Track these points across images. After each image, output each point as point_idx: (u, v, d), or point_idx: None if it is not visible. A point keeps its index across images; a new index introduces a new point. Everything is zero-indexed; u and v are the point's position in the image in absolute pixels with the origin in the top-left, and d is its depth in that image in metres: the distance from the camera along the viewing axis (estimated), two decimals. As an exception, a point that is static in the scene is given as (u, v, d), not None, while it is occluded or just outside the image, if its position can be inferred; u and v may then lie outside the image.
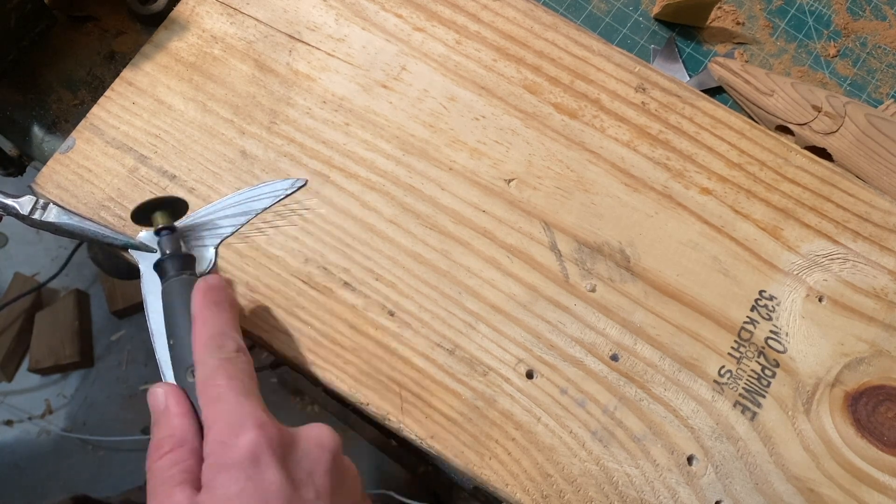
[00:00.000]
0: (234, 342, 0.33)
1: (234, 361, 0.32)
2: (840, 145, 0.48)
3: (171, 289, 0.37)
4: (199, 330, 0.34)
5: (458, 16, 0.47)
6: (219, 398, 0.31)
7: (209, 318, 0.34)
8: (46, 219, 0.39)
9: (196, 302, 0.35)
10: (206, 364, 0.32)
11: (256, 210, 0.42)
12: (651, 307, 0.42)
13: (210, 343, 0.33)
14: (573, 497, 0.38)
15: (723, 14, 0.55)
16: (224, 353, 0.32)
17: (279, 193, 0.42)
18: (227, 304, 0.35)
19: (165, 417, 0.32)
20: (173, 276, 0.37)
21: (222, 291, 0.35)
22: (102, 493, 0.86)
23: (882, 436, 0.40)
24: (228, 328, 0.34)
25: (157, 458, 0.31)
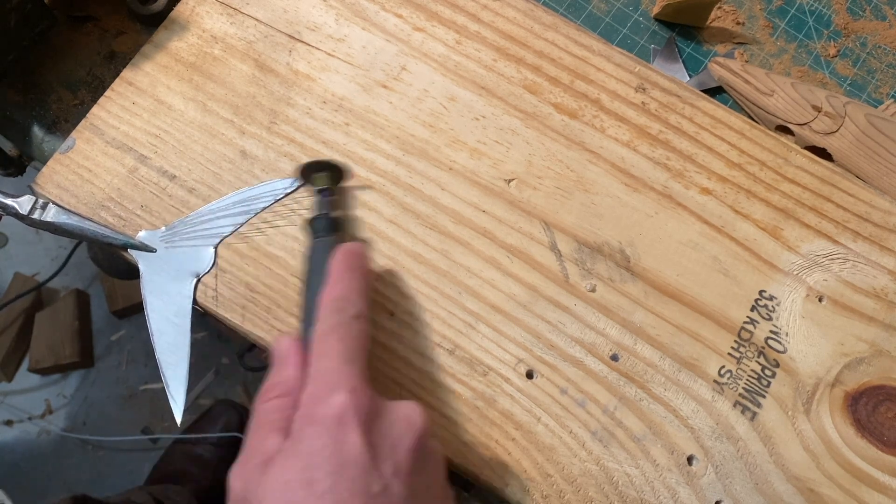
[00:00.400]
0: (356, 308, 0.34)
1: (348, 325, 0.33)
2: (840, 145, 0.48)
3: (316, 247, 0.38)
4: (329, 289, 0.35)
5: (458, 16, 0.47)
6: (325, 355, 0.32)
7: (340, 280, 0.35)
8: (45, 218, 0.39)
9: (334, 262, 0.36)
10: (325, 322, 0.34)
11: (256, 210, 0.42)
12: (651, 307, 0.42)
13: (333, 304, 0.34)
14: (573, 497, 0.38)
15: (723, 14, 0.55)
16: (343, 316, 0.34)
17: (278, 193, 0.42)
18: (361, 270, 0.36)
19: (282, 365, 0.34)
20: (322, 235, 0.38)
21: (361, 258, 0.37)
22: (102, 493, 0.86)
23: (882, 436, 0.40)
24: (355, 294, 0.35)
25: (264, 400, 0.32)
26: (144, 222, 0.42)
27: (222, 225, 0.42)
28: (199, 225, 0.41)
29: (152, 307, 0.40)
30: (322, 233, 0.39)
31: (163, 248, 0.41)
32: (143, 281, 0.40)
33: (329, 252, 0.37)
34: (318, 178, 0.41)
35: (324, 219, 0.39)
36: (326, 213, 0.39)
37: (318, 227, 0.39)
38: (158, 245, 0.41)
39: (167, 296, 0.40)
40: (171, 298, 0.40)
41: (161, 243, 0.41)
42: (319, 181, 0.41)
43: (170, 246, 0.41)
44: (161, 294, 0.40)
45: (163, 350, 0.39)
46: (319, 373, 0.32)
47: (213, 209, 0.42)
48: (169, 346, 0.39)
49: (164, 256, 0.41)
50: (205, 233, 0.41)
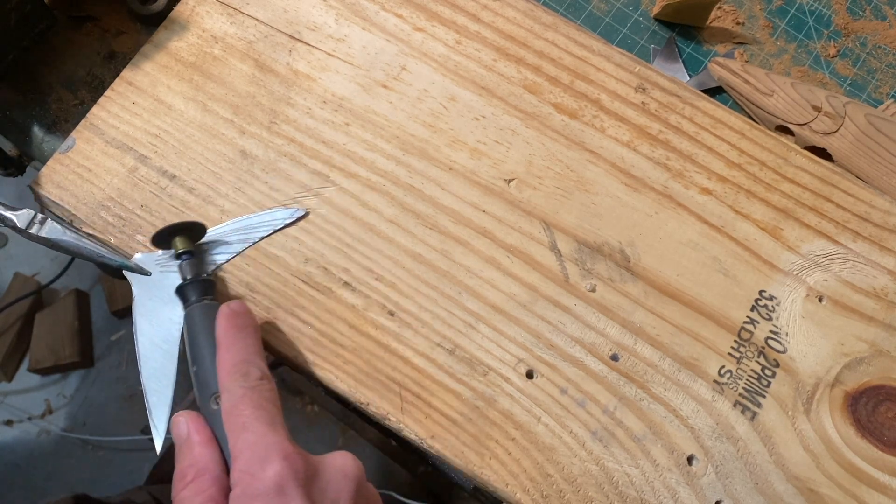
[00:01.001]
0: (259, 370, 0.34)
1: (258, 390, 0.33)
2: (840, 145, 0.48)
3: (194, 314, 0.37)
4: (224, 356, 0.34)
5: (458, 16, 0.47)
6: (244, 428, 0.31)
7: (233, 344, 0.34)
8: (42, 234, 0.39)
9: (220, 328, 0.35)
10: (231, 392, 0.33)
11: (254, 239, 0.41)
12: (651, 307, 0.42)
13: (235, 371, 0.33)
14: (573, 497, 0.38)
15: (723, 14, 0.55)
16: (249, 381, 0.33)
17: (278, 223, 0.42)
18: (251, 328, 0.35)
19: (188, 447, 0.33)
20: (195, 301, 0.37)
21: (246, 317, 0.36)
22: (102, 493, 0.86)
23: (882, 436, 0.40)
24: (253, 355, 0.34)
25: (181, 488, 0.31)
26: (144, 222, 0.42)
27: (218, 252, 0.41)
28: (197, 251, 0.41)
29: (142, 331, 0.39)
30: (196, 298, 0.37)
31: (158, 271, 0.40)
32: (136, 304, 0.40)
33: (209, 316, 0.36)
34: (175, 242, 0.39)
35: (194, 283, 0.38)
36: (196, 277, 0.38)
37: (190, 293, 0.37)
38: (153, 268, 0.40)
39: (157, 321, 0.39)
40: (162, 324, 0.39)
41: (156, 267, 0.40)
42: (178, 245, 0.39)
43: (165, 270, 0.40)
44: (152, 319, 0.40)
45: (148, 376, 0.39)
46: (245, 447, 0.31)
47: (210, 236, 0.41)
48: (155, 372, 0.39)
49: (159, 280, 0.40)
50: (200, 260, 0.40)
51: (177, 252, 0.39)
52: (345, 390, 0.40)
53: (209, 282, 0.38)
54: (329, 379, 0.40)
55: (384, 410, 0.39)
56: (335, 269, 0.41)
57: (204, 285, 0.38)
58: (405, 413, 0.39)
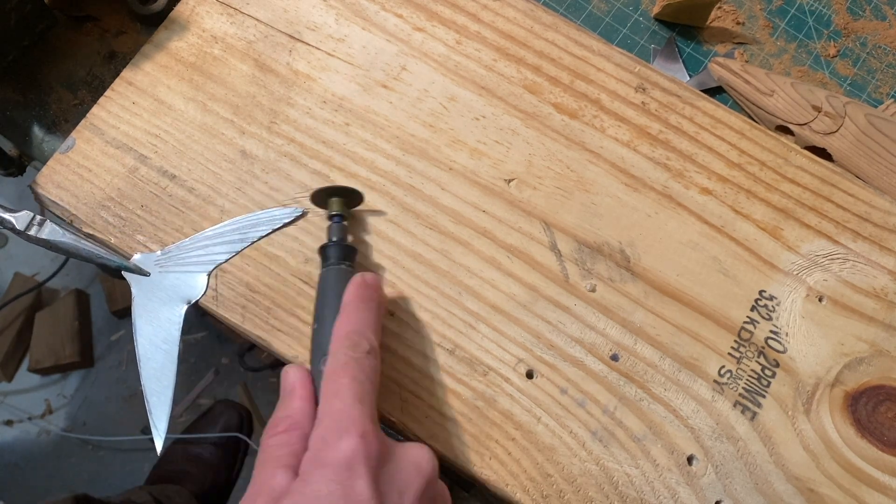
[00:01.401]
0: (369, 343, 0.34)
1: (361, 363, 0.33)
2: (840, 145, 0.48)
3: (329, 276, 0.37)
4: (342, 322, 0.35)
5: (458, 16, 0.47)
6: (336, 394, 0.32)
7: (354, 313, 0.35)
8: (41, 235, 0.39)
9: (348, 293, 0.36)
10: (337, 357, 0.33)
11: (253, 238, 0.41)
12: (651, 307, 0.42)
13: (347, 339, 0.34)
14: (573, 497, 0.38)
15: (723, 14, 0.55)
16: (357, 351, 0.33)
17: (277, 223, 0.42)
18: (375, 303, 0.36)
19: (290, 398, 0.33)
20: (333, 263, 0.38)
21: (375, 290, 0.36)
22: (102, 492, 0.86)
23: (882, 436, 0.40)
24: (368, 328, 0.35)
25: (271, 435, 0.32)
26: (144, 222, 0.42)
27: (218, 252, 0.41)
28: (195, 251, 0.41)
29: (141, 332, 0.39)
30: (334, 261, 0.38)
31: (156, 272, 0.40)
32: (135, 304, 0.40)
33: (342, 281, 0.36)
34: (332, 202, 0.40)
35: (337, 246, 0.38)
36: (340, 240, 0.39)
37: (331, 254, 0.38)
38: (152, 269, 0.40)
39: (157, 321, 0.40)
40: (161, 324, 0.39)
41: (155, 267, 0.40)
42: (333, 206, 0.40)
43: (163, 270, 0.40)
44: (151, 319, 0.40)
45: (148, 377, 0.39)
46: (330, 414, 0.31)
47: (209, 235, 0.41)
48: (155, 373, 0.39)
49: (157, 281, 0.40)
50: (199, 259, 0.41)
51: (330, 213, 0.40)
52: (345, 390, 0.39)
53: (352, 248, 0.39)
54: (329, 379, 0.40)
55: (384, 410, 0.39)
56: (335, 269, 0.41)
57: (346, 250, 0.39)
58: (405, 413, 0.39)
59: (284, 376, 0.34)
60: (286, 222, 0.42)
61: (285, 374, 0.35)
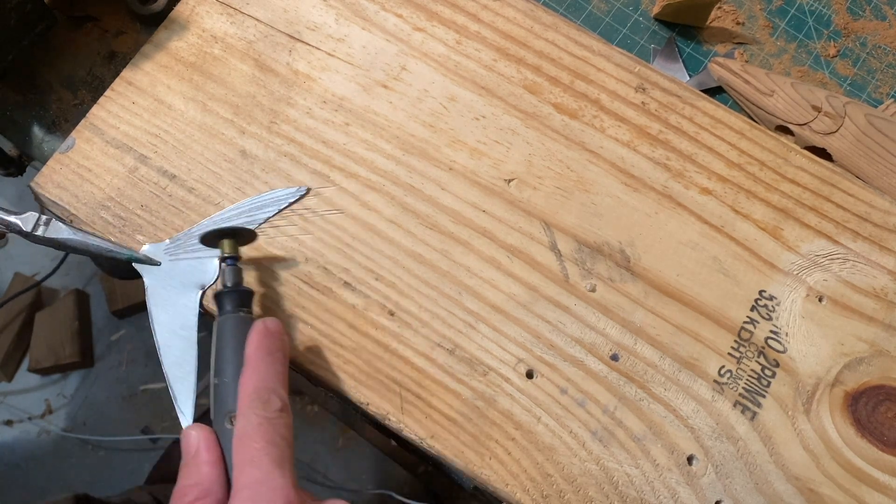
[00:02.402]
0: (280, 400, 0.33)
1: (275, 423, 0.32)
2: (840, 145, 0.48)
3: (226, 326, 0.36)
4: (249, 377, 0.33)
5: (458, 16, 0.47)
6: (252, 462, 0.31)
7: (261, 366, 0.33)
8: (48, 235, 0.39)
9: (251, 345, 0.34)
10: (248, 419, 0.32)
11: (259, 220, 0.42)
12: (651, 307, 0.42)
13: (256, 396, 0.32)
14: (573, 497, 0.38)
15: (723, 14, 0.55)
16: (268, 410, 0.32)
17: (282, 203, 0.42)
18: (280, 354, 0.34)
19: (195, 463, 0.32)
20: (230, 311, 0.36)
21: (280, 339, 0.35)
22: (102, 492, 0.86)
23: (882, 436, 0.40)
24: (277, 382, 0.33)
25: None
26: (144, 222, 0.42)
27: None
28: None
29: (158, 321, 0.39)
30: (231, 308, 0.36)
31: (167, 260, 0.40)
32: (149, 294, 0.40)
33: (241, 330, 0.35)
34: (223, 244, 0.38)
35: (233, 293, 0.37)
36: (235, 286, 0.37)
37: (226, 302, 0.37)
38: (163, 258, 0.40)
39: (173, 309, 0.40)
40: (177, 311, 0.39)
41: (165, 256, 0.40)
42: (225, 248, 0.38)
43: (174, 259, 0.41)
44: (167, 307, 0.40)
45: (170, 364, 0.38)
46: (249, 485, 0.30)
47: (216, 220, 0.41)
48: (176, 360, 0.39)
49: (169, 269, 0.40)
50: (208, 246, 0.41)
51: (223, 255, 0.38)
52: (345, 390, 0.40)
53: (248, 292, 0.38)
54: (329, 379, 0.40)
55: (384, 410, 0.39)
56: (335, 269, 0.41)
57: (242, 296, 0.37)
58: (405, 413, 0.39)
59: (186, 439, 0.33)
60: (291, 202, 0.42)
61: (187, 437, 0.33)
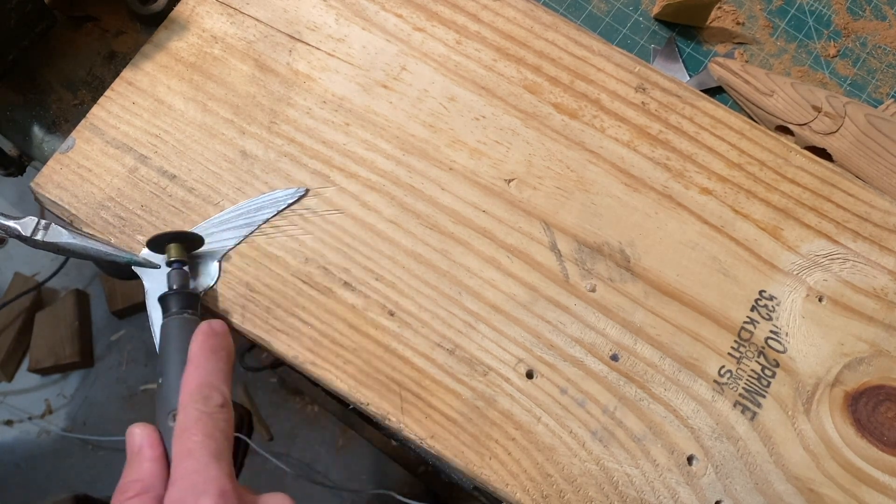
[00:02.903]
0: (221, 396, 0.33)
1: (214, 417, 0.32)
2: (840, 145, 0.48)
3: (171, 327, 0.37)
4: (191, 374, 0.33)
5: (458, 16, 0.47)
6: (190, 454, 0.31)
7: (203, 364, 0.34)
8: (48, 239, 0.39)
9: (195, 344, 0.35)
10: (187, 413, 0.32)
11: (258, 222, 0.42)
12: (651, 307, 0.42)
13: (197, 392, 0.33)
14: (573, 497, 0.38)
15: (723, 14, 0.55)
16: (208, 406, 0.32)
17: (280, 204, 0.42)
18: (224, 352, 0.35)
19: (138, 460, 0.32)
20: (175, 313, 0.37)
21: (223, 338, 0.35)
22: (102, 492, 0.86)
23: (882, 436, 0.40)
24: (219, 379, 0.34)
25: (121, 501, 0.31)
26: (144, 222, 0.42)
27: (226, 238, 0.41)
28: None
29: (158, 323, 0.39)
30: (176, 310, 0.37)
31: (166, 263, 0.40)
32: (148, 297, 0.40)
33: (186, 331, 0.35)
34: (170, 248, 0.39)
35: (178, 295, 0.37)
36: (181, 288, 0.38)
37: (172, 303, 0.37)
38: (161, 261, 0.40)
39: None
40: None
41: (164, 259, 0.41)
42: (172, 252, 0.39)
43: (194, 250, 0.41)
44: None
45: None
46: (185, 475, 0.30)
47: (215, 223, 0.41)
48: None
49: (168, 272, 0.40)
50: (208, 247, 0.41)
51: (169, 259, 0.39)
52: (345, 390, 0.40)
53: (193, 295, 0.38)
54: (329, 379, 0.40)
55: (384, 410, 0.39)
56: (335, 269, 0.41)
57: (187, 298, 0.38)
58: (405, 413, 0.39)
59: (130, 437, 0.33)
60: (290, 203, 0.42)
61: (131, 435, 0.33)
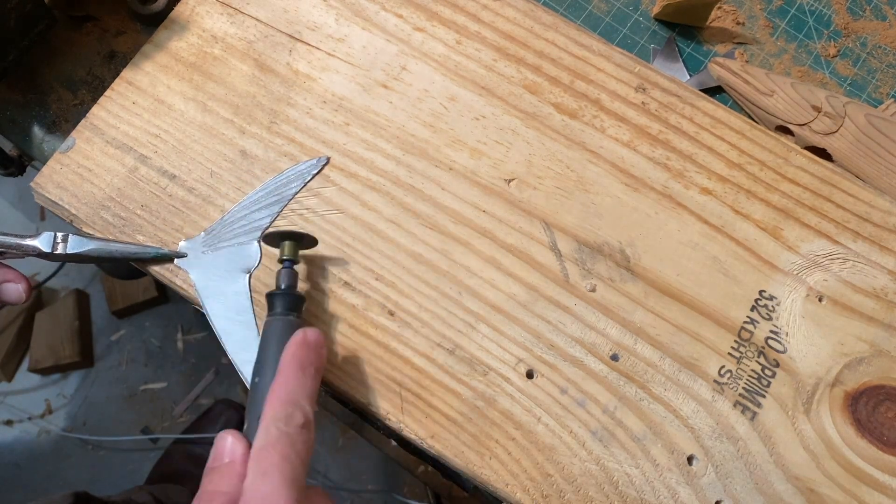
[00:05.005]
0: (304, 416, 0.32)
1: (293, 438, 0.31)
2: (840, 145, 0.48)
3: (273, 328, 0.36)
4: (278, 388, 0.33)
5: (458, 16, 0.47)
6: (265, 474, 0.30)
7: (291, 378, 0.33)
8: (71, 251, 0.39)
9: (287, 354, 0.34)
10: (268, 431, 0.31)
11: (288, 196, 0.42)
12: (651, 307, 0.42)
13: (281, 409, 0.32)
14: (573, 497, 0.38)
15: (723, 14, 0.55)
16: (290, 425, 0.32)
17: (306, 175, 0.42)
18: (314, 368, 0.34)
19: (229, 471, 0.32)
20: (279, 314, 0.37)
21: (316, 352, 0.34)
22: (102, 492, 0.86)
23: (882, 436, 0.40)
24: (304, 397, 0.33)
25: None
26: (144, 222, 0.42)
27: (260, 217, 0.42)
28: (237, 223, 0.42)
29: (214, 312, 0.40)
30: (280, 311, 0.37)
31: (208, 252, 0.41)
32: (199, 289, 0.40)
33: (286, 334, 0.35)
34: (284, 246, 0.39)
35: (284, 295, 0.37)
36: (288, 288, 0.38)
37: (277, 303, 0.37)
38: (200, 251, 0.41)
39: (224, 297, 0.40)
40: (230, 299, 0.40)
41: (204, 248, 0.41)
42: (285, 250, 0.39)
43: (214, 249, 0.41)
44: (219, 297, 0.40)
45: (234, 350, 0.39)
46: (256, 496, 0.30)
47: (245, 205, 0.42)
48: (239, 344, 0.39)
49: (212, 260, 0.41)
50: (245, 229, 0.41)
51: (281, 257, 0.39)
52: (345, 390, 0.40)
53: (300, 298, 0.38)
54: (329, 379, 0.40)
55: (384, 410, 0.39)
56: (335, 269, 0.41)
57: (294, 300, 0.37)
58: (405, 413, 0.39)
59: (221, 443, 0.33)
60: (315, 173, 0.42)
61: (222, 440, 0.33)
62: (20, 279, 0.40)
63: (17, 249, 0.39)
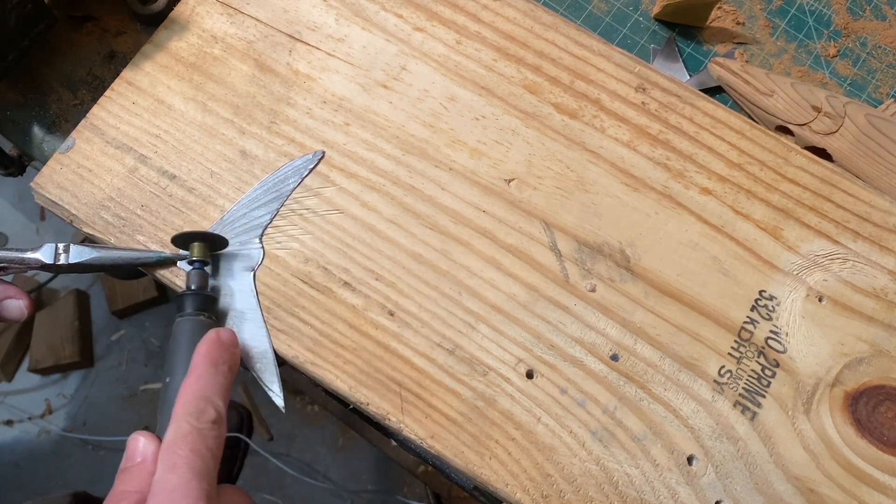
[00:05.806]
0: (216, 411, 0.33)
1: (205, 434, 0.32)
2: (840, 145, 0.48)
3: (182, 327, 0.36)
4: (189, 384, 0.33)
5: (458, 16, 0.47)
6: (173, 468, 0.31)
7: (203, 375, 0.33)
8: (73, 260, 0.39)
9: (198, 352, 0.34)
10: (178, 426, 0.32)
11: (286, 193, 0.42)
12: (651, 307, 0.42)
13: (192, 404, 0.32)
14: (573, 497, 0.38)
15: (723, 14, 0.55)
16: (201, 420, 0.32)
17: (303, 170, 0.42)
18: (227, 366, 0.34)
19: (139, 470, 0.32)
20: (190, 314, 0.37)
21: (228, 351, 0.35)
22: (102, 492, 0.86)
23: (882, 436, 0.40)
24: (215, 393, 0.33)
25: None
26: (144, 222, 0.42)
27: (260, 215, 0.42)
28: (237, 222, 0.42)
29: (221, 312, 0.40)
30: (191, 311, 0.37)
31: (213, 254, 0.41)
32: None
33: (197, 334, 0.35)
34: (193, 247, 0.39)
35: (195, 295, 0.38)
36: (199, 289, 0.38)
37: (188, 304, 0.37)
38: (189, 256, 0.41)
39: (231, 296, 0.40)
40: (237, 297, 0.40)
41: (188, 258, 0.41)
42: (195, 251, 0.39)
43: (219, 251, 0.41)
44: (224, 297, 0.40)
45: (246, 347, 0.40)
46: (165, 490, 0.30)
47: (244, 203, 0.42)
48: (250, 341, 0.40)
49: (215, 261, 0.41)
50: (245, 227, 0.41)
51: (191, 258, 0.39)
52: (345, 390, 0.40)
53: (211, 298, 0.38)
54: (329, 379, 0.40)
55: (384, 410, 0.39)
56: (335, 269, 0.41)
57: (204, 300, 0.38)
58: (405, 413, 0.39)
59: (133, 444, 0.33)
60: (311, 167, 0.42)
61: (134, 441, 0.33)
62: (21, 295, 0.40)
63: (19, 264, 0.38)
